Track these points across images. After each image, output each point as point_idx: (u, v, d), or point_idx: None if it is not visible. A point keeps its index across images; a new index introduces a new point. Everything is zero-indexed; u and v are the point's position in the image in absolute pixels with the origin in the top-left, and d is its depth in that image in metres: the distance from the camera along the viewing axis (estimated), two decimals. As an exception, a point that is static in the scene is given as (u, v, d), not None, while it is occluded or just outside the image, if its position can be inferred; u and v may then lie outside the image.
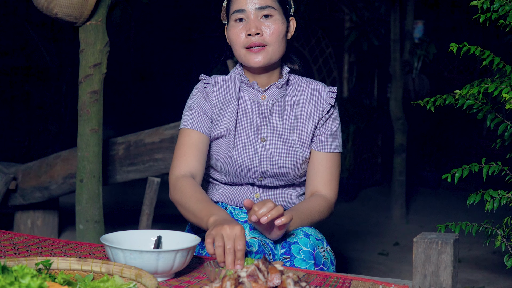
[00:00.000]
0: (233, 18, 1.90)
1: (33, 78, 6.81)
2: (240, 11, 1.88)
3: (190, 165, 1.86)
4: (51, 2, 2.70)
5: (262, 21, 1.88)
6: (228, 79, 1.97)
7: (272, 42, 1.87)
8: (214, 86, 1.94)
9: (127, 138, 3.42)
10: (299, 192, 2.01)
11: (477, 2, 1.99)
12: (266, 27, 1.88)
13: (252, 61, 1.88)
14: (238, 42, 1.89)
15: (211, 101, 1.92)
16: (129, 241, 1.54)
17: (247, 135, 1.92)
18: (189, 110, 1.94)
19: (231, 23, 1.91)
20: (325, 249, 1.80)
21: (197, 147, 1.88)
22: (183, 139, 1.90)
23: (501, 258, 2.07)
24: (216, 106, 1.92)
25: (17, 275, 1.09)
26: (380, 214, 5.69)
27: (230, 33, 1.92)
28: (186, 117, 1.93)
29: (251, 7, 1.88)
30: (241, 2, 1.89)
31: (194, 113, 1.92)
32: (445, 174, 2.01)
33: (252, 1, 1.88)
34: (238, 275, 1.18)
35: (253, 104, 1.94)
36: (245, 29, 1.88)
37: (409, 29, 5.71)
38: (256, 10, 1.87)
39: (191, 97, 1.96)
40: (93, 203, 2.81)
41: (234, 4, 1.90)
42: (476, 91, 1.92)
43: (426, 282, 1.35)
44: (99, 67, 2.81)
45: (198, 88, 1.96)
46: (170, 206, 2.03)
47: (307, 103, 1.95)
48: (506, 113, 2.08)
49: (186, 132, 1.90)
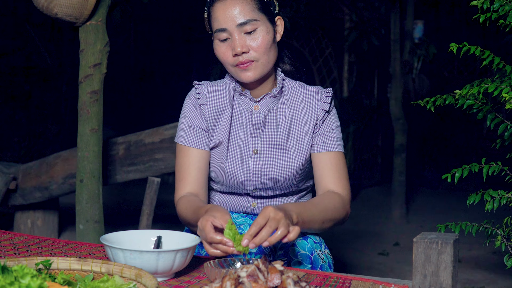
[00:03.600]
0: (217, 37, 1.80)
1: (33, 78, 6.81)
2: (222, 30, 1.78)
3: (190, 186, 1.84)
4: (51, 2, 2.70)
5: (245, 37, 1.77)
6: (221, 88, 1.89)
7: (260, 55, 1.77)
8: (206, 95, 1.87)
9: (127, 138, 3.42)
10: (296, 199, 1.96)
11: (477, 2, 1.99)
12: (251, 41, 1.77)
13: (244, 77, 1.79)
14: (226, 61, 1.80)
15: (204, 113, 1.86)
16: (129, 241, 1.54)
17: (239, 146, 1.86)
18: (184, 125, 1.89)
19: (215, 41, 1.82)
20: (323, 252, 1.79)
21: (195, 167, 1.85)
22: (181, 159, 1.87)
23: (501, 258, 2.07)
24: (209, 118, 1.86)
25: (17, 275, 1.09)
26: (380, 214, 5.69)
27: (216, 51, 1.82)
28: (182, 133, 1.88)
29: (232, 25, 1.77)
30: (220, 21, 1.77)
31: (190, 129, 1.87)
32: (445, 174, 2.01)
33: (232, 19, 1.76)
34: (238, 275, 1.18)
35: (246, 114, 1.86)
36: (230, 48, 1.78)
37: (409, 29, 5.71)
38: (238, 27, 1.76)
39: (184, 109, 1.91)
40: (93, 203, 2.81)
41: (215, 21, 1.79)
42: (476, 91, 1.92)
43: (426, 282, 1.35)
44: (99, 67, 2.81)
45: (190, 98, 1.89)
46: (170, 206, 2.02)
47: (301, 110, 1.86)
48: (506, 113, 2.08)
49: (184, 151, 1.86)
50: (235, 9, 1.76)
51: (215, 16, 1.79)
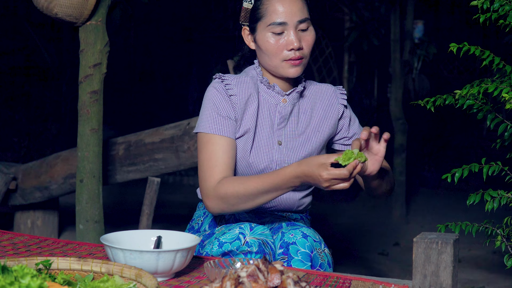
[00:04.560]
0: (270, 30, 1.84)
1: (33, 78, 6.81)
2: (281, 24, 1.83)
3: (225, 173, 1.82)
4: (51, 2, 2.70)
5: (300, 34, 1.85)
6: (248, 80, 1.92)
7: (307, 54, 1.87)
8: (235, 87, 1.89)
9: (127, 138, 3.42)
10: (302, 194, 2.02)
11: (477, 2, 1.99)
12: (304, 39, 1.85)
13: (292, 72, 1.86)
14: (276, 53, 1.85)
15: (234, 103, 1.88)
16: (129, 241, 1.54)
17: (264, 137, 1.91)
18: (213, 114, 1.86)
19: (267, 34, 1.84)
20: (323, 251, 1.80)
21: (228, 155, 1.83)
22: (212, 147, 1.83)
23: (501, 258, 2.07)
24: (238, 109, 1.88)
25: (17, 275, 1.09)
26: (380, 214, 5.69)
27: (266, 43, 1.85)
28: (210, 122, 1.85)
29: (293, 20, 1.83)
30: (281, 15, 1.82)
31: (221, 118, 1.85)
32: (445, 174, 2.01)
33: (294, 14, 1.83)
34: (238, 275, 1.18)
35: (271, 107, 1.93)
36: (285, 43, 1.83)
37: (409, 29, 5.71)
38: (297, 24, 1.84)
39: (211, 99, 1.88)
40: (93, 203, 2.81)
41: (272, 14, 1.83)
42: (476, 91, 1.92)
43: (426, 282, 1.35)
44: (99, 67, 2.81)
45: (217, 89, 1.88)
46: (170, 206, 2.03)
47: (321, 106, 1.97)
48: (506, 113, 2.08)
49: (214, 139, 1.84)
50: (297, 6, 1.84)
51: (274, 9, 1.83)
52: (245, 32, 1.94)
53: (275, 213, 2.01)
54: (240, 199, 1.76)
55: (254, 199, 1.75)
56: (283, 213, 2.02)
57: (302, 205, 2.04)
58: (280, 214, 2.01)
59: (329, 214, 5.49)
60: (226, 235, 1.75)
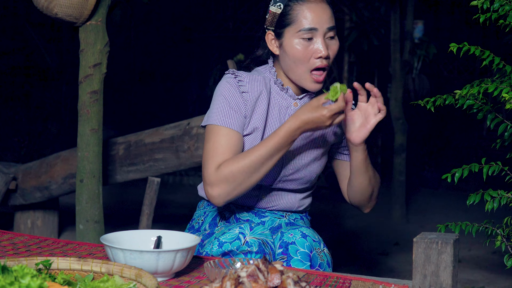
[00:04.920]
0: (300, 36, 1.82)
1: (33, 78, 6.81)
2: (312, 29, 1.82)
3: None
4: (51, 2, 2.70)
5: (327, 42, 1.84)
6: (260, 80, 1.91)
7: (331, 63, 1.87)
8: (248, 84, 1.89)
9: (127, 138, 3.42)
10: (303, 195, 2.04)
11: (477, 2, 1.99)
12: (330, 49, 1.85)
13: (312, 87, 1.87)
14: (304, 61, 1.84)
15: (245, 100, 1.87)
16: (129, 241, 1.54)
17: None
18: (225, 107, 1.85)
19: (296, 40, 1.83)
20: (322, 251, 1.80)
21: (236, 149, 1.83)
22: (221, 138, 1.82)
23: (501, 258, 2.07)
24: (249, 106, 1.88)
25: (17, 275, 1.09)
26: (380, 214, 5.69)
27: (294, 49, 1.84)
28: (220, 114, 1.84)
29: (323, 26, 1.82)
30: (312, 20, 1.82)
31: (232, 111, 1.85)
32: (445, 174, 2.01)
33: (325, 21, 1.82)
34: (238, 275, 1.18)
35: (282, 109, 1.93)
36: (314, 50, 1.83)
37: (409, 29, 5.70)
38: (326, 31, 1.83)
39: (223, 92, 1.87)
40: (93, 203, 2.81)
41: (303, 20, 1.82)
42: (476, 91, 1.92)
43: (426, 282, 1.35)
44: (99, 67, 2.81)
45: (230, 83, 1.88)
46: (170, 206, 2.03)
47: None
48: (506, 113, 2.08)
49: (222, 131, 1.83)
50: (328, 13, 1.84)
51: (304, 15, 1.82)
52: (269, 37, 1.91)
53: (275, 213, 2.01)
54: (246, 173, 1.76)
55: (260, 169, 1.76)
56: (283, 213, 2.02)
57: (303, 205, 2.05)
58: (280, 214, 2.02)
59: (329, 214, 5.49)
60: (226, 235, 1.76)
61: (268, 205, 2.00)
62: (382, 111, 1.82)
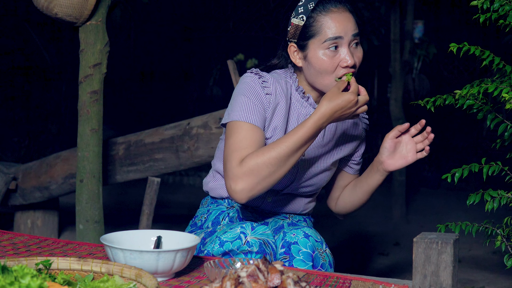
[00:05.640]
0: (325, 46, 1.80)
1: (33, 78, 6.81)
2: (337, 38, 1.80)
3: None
4: (51, 2, 2.70)
5: (352, 50, 1.83)
6: (283, 84, 1.89)
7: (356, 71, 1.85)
8: (272, 86, 1.86)
9: (127, 138, 3.42)
10: (308, 200, 2.05)
11: (477, 2, 1.99)
12: (356, 56, 1.83)
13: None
14: (330, 71, 1.82)
15: (268, 101, 1.85)
16: (129, 241, 1.54)
17: None
18: (248, 103, 1.81)
19: (320, 51, 1.81)
20: (324, 251, 1.80)
21: (260, 144, 1.79)
22: (244, 132, 1.78)
23: (501, 258, 2.07)
24: (271, 108, 1.85)
25: (17, 275, 1.09)
26: (380, 214, 5.69)
27: (320, 60, 1.81)
28: (243, 110, 1.81)
29: (348, 34, 1.81)
30: (337, 29, 1.79)
31: (255, 108, 1.81)
32: (445, 174, 2.01)
33: (350, 29, 1.81)
34: (238, 275, 1.18)
35: (301, 116, 1.91)
36: (340, 60, 1.81)
37: (409, 29, 5.70)
38: (351, 38, 1.82)
39: (246, 89, 1.84)
40: (93, 203, 2.81)
41: (327, 30, 1.80)
42: (476, 91, 1.93)
43: (426, 282, 1.35)
44: (99, 67, 2.81)
45: (254, 82, 1.84)
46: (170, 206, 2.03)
47: (347, 124, 2.00)
48: (506, 113, 2.08)
49: (248, 127, 1.78)
50: (352, 21, 1.83)
51: (328, 25, 1.80)
52: (291, 49, 1.88)
53: (279, 214, 2.02)
54: (273, 166, 1.71)
55: (286, 162, 1.73)
56: (286, 215, 2.03)
57: (307, 209, 2.07)
58: (284, 215, 2.03)
59: (329, 215, 5.48)
60: (227, 234, 1.76)
61: (273, 208, 2.00)
62: (425, 152, 1.87)
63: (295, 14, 1.84)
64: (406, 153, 1.88)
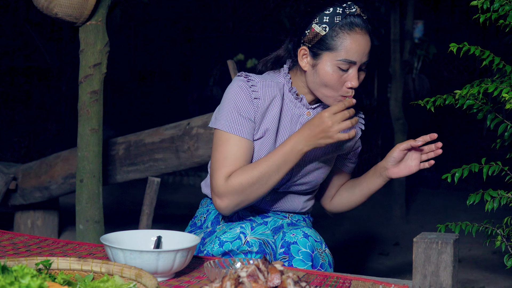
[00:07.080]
0: (338, 64, 1.81)
1: (33, 78, 6.81)
2: (351, 62, 1.81)
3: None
4: (51, 2, 2.70)
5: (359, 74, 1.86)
6: (273, 86, 1.90)
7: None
8: (261, 90, 1.87)
9: (127, 138, 3.42)
10: (306, 198, 2.05)
11: (477, 2, 1.99)
12: (360, 79, 1.86)
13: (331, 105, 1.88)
14: (336, 88, 1.83)
15: (256, 106, 1.86)
16: (129, 241, 1.54)
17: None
18: (234, 112, 1.84)
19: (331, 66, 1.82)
20: (324, 251, 1.80)
21: (246, 158, 1.83)
22: (229, 147, 1.82)
23: (501, 258, 2.07)
24: (259, 113, 1.87)
25: (17, 275, 1.09)
26: (380, 214, 5.69)
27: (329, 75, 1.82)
28: (230, 120, 1.83)
29: (362, 60, 1.83)
30: (354, 54, 1.81)
31: (242, 119, 1.84)
32: (445, 174, 2.01)
33: (364, 55, 1.83)
34: (238, 275, 1.18)
35: (294, 117, 1.92)
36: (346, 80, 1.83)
37: (409, 29, 5.70)
38: (362, 64, 1.84)
39: (234, 97, 1.85)
40: (93, 203, 2.81)
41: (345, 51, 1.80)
42: (476, 91, 1.92)
43: (426, 282, 1.35)
44: (99, 67, 2.81)
45: (242, 88, 1.86)
46: (170, 206, 2.03)
47: None
48: (506, 113, 2.08)
49: (232, 139, 1.82)
50: (369, 46, 1.84)
51: (349, 46, 1.80)
52: (301, 52, 1.87)
53: (278, 213, 2.02)
54: (255, 185, 1.78)
55: (268, 181, 1.78)
56: (285, 214, 2.03)
57: (306, 207, 2.07)
58: (283, 215, 2.03)
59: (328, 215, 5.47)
60: (227, 234, 1.76)
61: (272, 207, 2.00)
62: (429, 164, 1.92)
63: (318, 21, 1.82)
64: (411, 162, 1.93)
